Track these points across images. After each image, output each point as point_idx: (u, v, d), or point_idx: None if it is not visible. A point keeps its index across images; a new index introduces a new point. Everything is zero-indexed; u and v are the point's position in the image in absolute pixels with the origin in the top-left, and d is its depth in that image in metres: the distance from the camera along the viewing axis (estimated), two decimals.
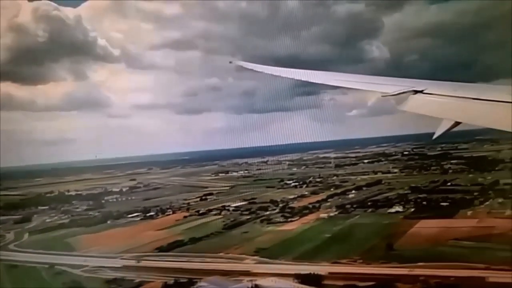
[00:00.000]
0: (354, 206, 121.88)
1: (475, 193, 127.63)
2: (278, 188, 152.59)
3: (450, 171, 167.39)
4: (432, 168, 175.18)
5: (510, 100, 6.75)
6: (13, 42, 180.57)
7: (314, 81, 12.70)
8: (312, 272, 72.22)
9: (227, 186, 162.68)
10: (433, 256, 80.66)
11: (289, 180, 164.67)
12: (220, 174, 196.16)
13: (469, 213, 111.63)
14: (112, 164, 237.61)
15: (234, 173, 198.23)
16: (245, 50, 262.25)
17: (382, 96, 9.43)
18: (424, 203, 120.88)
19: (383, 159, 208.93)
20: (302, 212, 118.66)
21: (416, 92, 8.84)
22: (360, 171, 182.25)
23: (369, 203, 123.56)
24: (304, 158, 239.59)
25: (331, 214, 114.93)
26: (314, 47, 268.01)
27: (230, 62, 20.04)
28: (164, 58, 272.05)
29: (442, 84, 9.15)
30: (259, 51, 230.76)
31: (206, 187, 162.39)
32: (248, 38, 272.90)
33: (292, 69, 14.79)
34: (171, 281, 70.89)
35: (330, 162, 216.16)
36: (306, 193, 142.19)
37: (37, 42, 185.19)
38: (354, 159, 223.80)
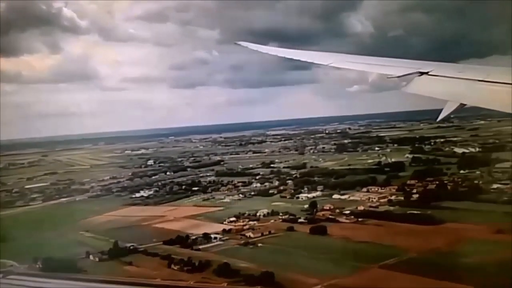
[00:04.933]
0: (125, 188, 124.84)
1: (258, 177, 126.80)
2: (127, 168, 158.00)
3: (307, 153, 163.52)
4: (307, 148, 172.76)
5: None
6: None
7: (321, 63, 12.70)
8: None
9: (88, 166, 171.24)
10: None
11: (156, 160, 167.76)
12: (126, 152, 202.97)
13: (193, 199, 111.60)
14: (67, 140, 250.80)
15: (142, 150, 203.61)
16: (223, 22, 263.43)
17: (388, 77, 9.31)
18: (176, 188, 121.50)
19: (297, 138, 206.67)
20: (71, 194, 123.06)
21: (421, 73, 8.79)
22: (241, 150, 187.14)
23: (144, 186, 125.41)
24: (246, 135, 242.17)
25: (84, 197, 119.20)
26: (294, 20, 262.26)
27: (235, 43, 18.43)
28: (143, 30, 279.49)
29: (448, 65, 9.19)
30: (238, 24, 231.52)
31: (73, 166, 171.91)
32: (226, 10, 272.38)
33: (299, 51, 14.93)
34: None
35: (248, 140, 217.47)
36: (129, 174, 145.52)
37: None
38: (279, 137, 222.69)
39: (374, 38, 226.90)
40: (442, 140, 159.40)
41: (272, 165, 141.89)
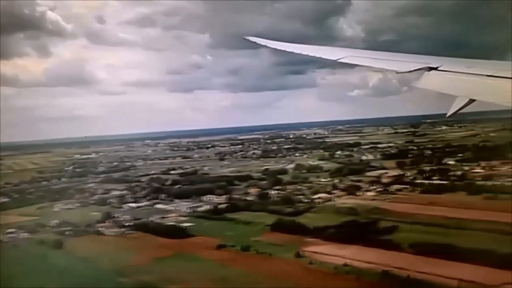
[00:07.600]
0: None
1: (133, 184, 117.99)
2: (43, 173, 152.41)
3: (228, 159, 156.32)
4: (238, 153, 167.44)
5: None
6: None
7: (328, 58, 12.25)
8: None
9: (13, 170, 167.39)
10: None
11: (77, 166, 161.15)
12: (75, 156, 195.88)
13: (34, 206, 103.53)
14: (44, 144, 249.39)
15: (93, 155, 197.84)
16: (214, 27, 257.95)
17: (397, 73, 9.23)
18: (39, 194, 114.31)
19: (251, 143, 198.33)
20: None
21: (431, 69, 8.73)
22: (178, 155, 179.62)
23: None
24: (215, 139, 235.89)
25: None
26: (285, 24, 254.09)
27: (244, 38, 18.55)
28: (134, 35, 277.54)
29: (458, 60, 9.16)
30: (228, 29, 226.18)
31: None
32: (217, 14, 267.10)
33: (307, 46, 14.84)
34: None
35: (205, 145, 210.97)
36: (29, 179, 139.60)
37: None
38: (237, 142, 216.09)
39: (365, 42, 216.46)
40: (367, 146, 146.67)
41: (172, 171, 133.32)
